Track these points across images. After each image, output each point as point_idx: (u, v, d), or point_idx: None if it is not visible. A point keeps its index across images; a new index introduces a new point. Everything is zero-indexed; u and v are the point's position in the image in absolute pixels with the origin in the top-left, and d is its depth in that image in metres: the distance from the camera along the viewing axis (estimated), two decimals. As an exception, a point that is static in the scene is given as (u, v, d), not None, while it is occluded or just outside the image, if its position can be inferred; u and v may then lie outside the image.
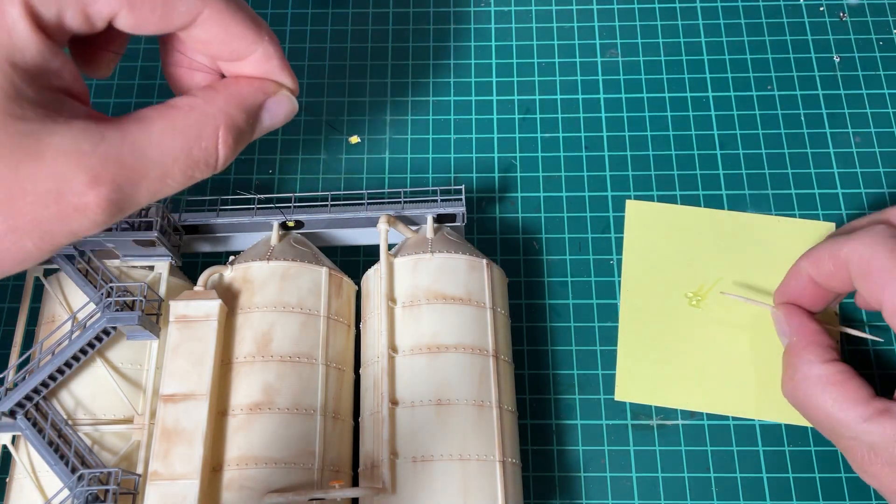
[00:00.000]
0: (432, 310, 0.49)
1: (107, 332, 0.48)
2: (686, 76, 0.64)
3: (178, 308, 0.49)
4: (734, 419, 0.54)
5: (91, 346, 0.48)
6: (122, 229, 0.50)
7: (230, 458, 0.46)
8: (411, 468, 0.45)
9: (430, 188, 0.57)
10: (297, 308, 0.50)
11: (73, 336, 0.47)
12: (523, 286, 0.58)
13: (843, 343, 0.55)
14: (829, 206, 0.60)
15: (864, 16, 0.66)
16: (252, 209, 0.54)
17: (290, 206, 0.54)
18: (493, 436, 0.46)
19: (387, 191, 0.57)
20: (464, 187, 0.55)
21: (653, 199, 0.60)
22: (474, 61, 0.66)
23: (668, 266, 0.58)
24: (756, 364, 0.54)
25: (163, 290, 0.52)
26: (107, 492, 0.44)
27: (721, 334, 0.55)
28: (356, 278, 0.55)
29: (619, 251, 0.59)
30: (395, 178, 0.62)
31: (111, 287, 0.49)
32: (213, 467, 0.46)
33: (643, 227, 0.59)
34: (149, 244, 0.51)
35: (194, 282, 0.51)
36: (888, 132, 0.62)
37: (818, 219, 0.59)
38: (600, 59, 0.65)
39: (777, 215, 0.59)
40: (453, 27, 0.67)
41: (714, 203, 0.60)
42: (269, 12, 0.68)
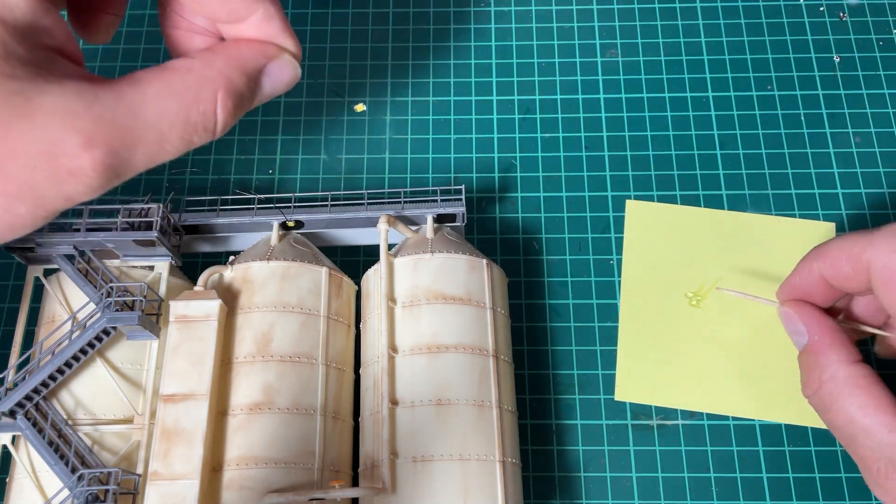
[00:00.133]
0: (432, 310, 0.49)
1: (107, 332, 0.48)
2: (686, 76, 0.64)
3: (178, 308, 0.49)
4: (734, 419, 0.54)
5: (91, 346, 0.48)
6: (123, 229, 0.50)
7: (230, 458, 0.46)
8: (411, 468, 0.45)
9: (430, 188, 0.56)
10: (297, 308, 0.50)
11: (73, 336, 0.47)
12: (523, 286, 0.58)
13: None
14: (829, 206, 0.60)
15: (864, 16, 0.66)
16: (252, 209, 0.54)
17: (290, 206, 0.54)
18: (493, 436, 0.46)
19: (387, 191, 0.57)
20: (464, 187, 0.55)
21: (653, 199, 0.60)
22: (474, 61, 0.66)
23: (668, 266, 0.58)
24: (756, 364, 0.54)
25: (163, 290, 0.52)
26: (107, 492, 0.44)
27: (721, 334, 0.55)
28: (356, 278, 0.55)
29: (619, 251, 0.59)
30: (395, 178, 0.62)
31: (111, 287, 0.49)
32: (213, 467, 0.46)
33: (643, 227, 0.59)
34: (149, 244, 0.51)
35: (194, 282, 0.51)
36: (888, 132, 0.62)
37: (818, 219, 0.59)
38: (600, 59, 0.65)
39: (777, 215, 0.59)
40: (453, 27, 0.67)
41: (714, 203, 0.60)
42: (269, 12, 0.67)
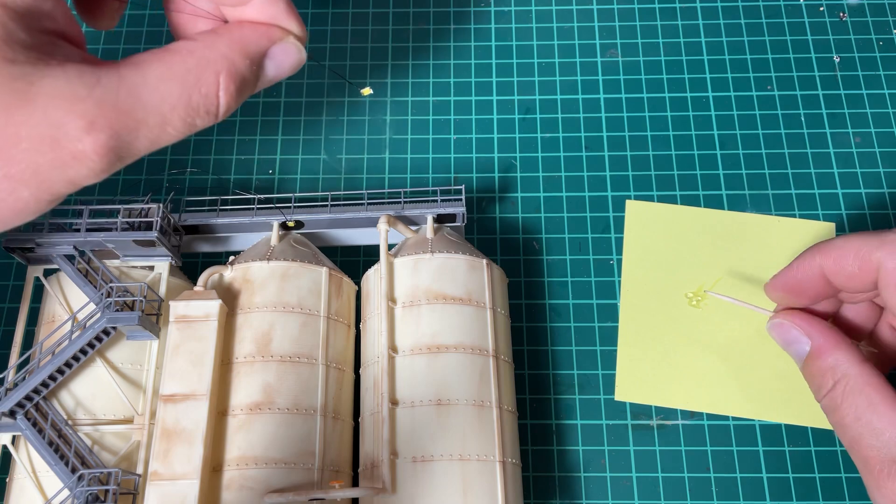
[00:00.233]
0: (432, 310, 0.49)
1: (107, 332, 0.48)
2: (686, 76, 0.64)
3: (178, 308, 0.49)
4: (734, 419, 0.54)
5: (91, 346, 0.48)
6: (123, 229, 0.50)
7: (230, 458, 0.46)
8: (411, 468, 0.45)
9: (430, 188, 0.57)
10: (297, 308, 0.50)
11: (73, 336, 0.47)
12: (523, 286, 0.58)
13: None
14: (829, 206, 0.60)
15: (864, 16, 0.66)
16: (252, 209, 0.54)
17: (290, 206, 0.54)
18: (493, 436, 0.46)
19: (387, 191, 0.57)
20: (464, 187, 0.55)
21: (653, 199, 0.60)
22: (474, 61, 0.66)
23: (668, 266, 0.58)
24: (756, 364, 0.54)
25: (163, 290, 0.52)
26: (107, 492, 0.44)
27: (721, 334, 0.55)
28: (356, 278, 0.55)
29: (619, 251, 0.59)
30: (395, 178, 0.62)
31: (111, 287, 0.49)
32: (213, 467, 0.46)
33: (643, 227, 0.59)
34: (149, 244, 0.51)
35: (194, 282, 0.51)
36: (888, 132, 0.62)
37: (818, 219, 0.59)
38: (600, 59, 0.65)
39: (777, 215, 0.59)
40: (453, 27, 0.67)
41: (714, 203, 0.60)
42: (269, 12, 0.68)
